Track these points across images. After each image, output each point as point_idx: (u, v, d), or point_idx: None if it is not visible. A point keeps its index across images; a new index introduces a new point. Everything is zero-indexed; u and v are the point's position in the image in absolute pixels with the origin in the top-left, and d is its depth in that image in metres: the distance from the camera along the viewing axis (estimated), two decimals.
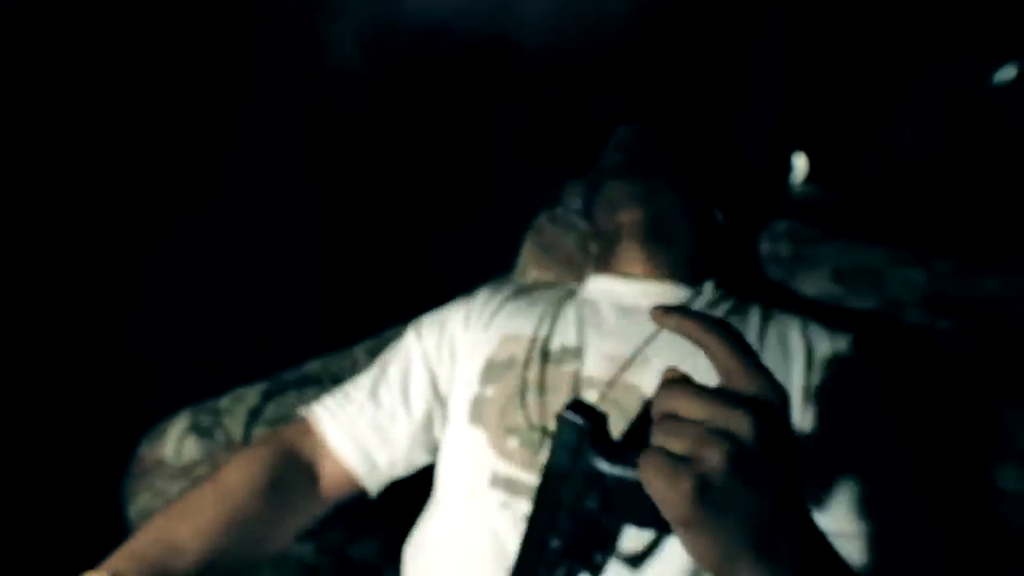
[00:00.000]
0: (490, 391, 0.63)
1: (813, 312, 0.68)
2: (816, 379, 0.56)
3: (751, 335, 0.60)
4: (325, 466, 0.68)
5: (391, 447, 0.68)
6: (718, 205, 0.73)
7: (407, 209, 1.17)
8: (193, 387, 0.82)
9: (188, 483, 0.75)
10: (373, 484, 0.69)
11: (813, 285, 0.75)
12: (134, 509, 0.76)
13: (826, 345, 0.58)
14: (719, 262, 0.73)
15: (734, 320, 0.63)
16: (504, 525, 0.56)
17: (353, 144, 1.13)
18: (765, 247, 0.80)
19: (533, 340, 0.65)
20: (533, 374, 0.62)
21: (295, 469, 0.66)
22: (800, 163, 1.65)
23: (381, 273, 1.14)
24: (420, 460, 0.71)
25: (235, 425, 0.77)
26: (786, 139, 1.65)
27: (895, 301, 0.71)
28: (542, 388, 0.61)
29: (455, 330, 0.72)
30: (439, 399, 0.70)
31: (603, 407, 0.55)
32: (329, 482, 0.68)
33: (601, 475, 0.38)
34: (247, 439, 0.77)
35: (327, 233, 1.12)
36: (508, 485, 0.58)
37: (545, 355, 0.63)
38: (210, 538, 0.57)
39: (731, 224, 0.73)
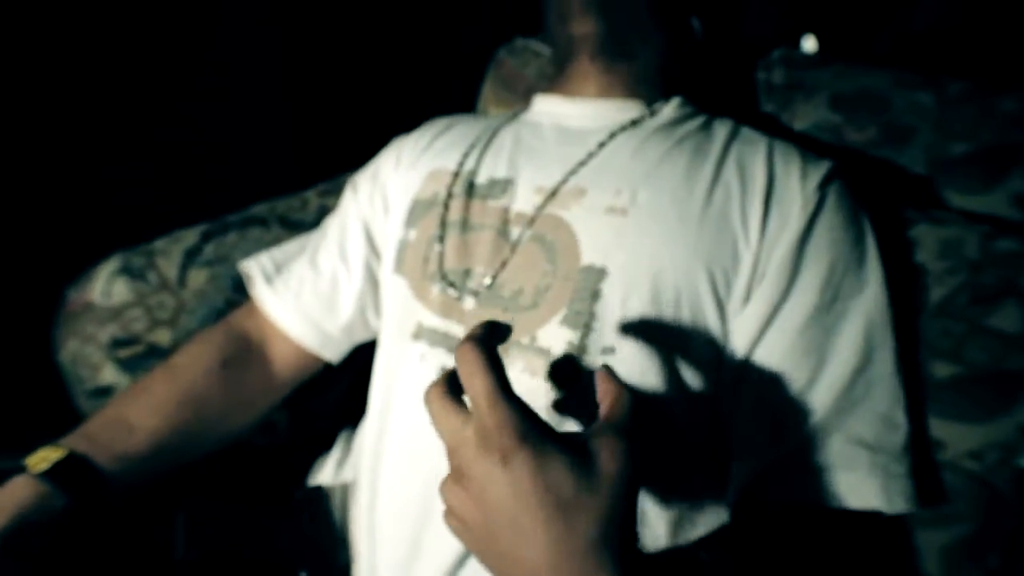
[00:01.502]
0: (412, 234, 0.58)
1: (806, 145, 0.60)
2: (774, 216, 0.49)
3: (710, 160, 0.52)
4: (277, 346, 0.65)
5: (338, 313, 0.64)
6: (696, 12, 0.61)
7: (371, 48, 1.07)
8: (129, 233, 0.76)
9: (119, 327, 0.70)
10: (331, 353, 0.65)
11: (809, 115, 0.67)
12: (64, 355, 0.71)
13: (794, 176, 0.50)
14: (693, 78, 0.63)
15: (695, 140, 0.54)
16: (424, 378, 0.52)
17: None
18: (757, 75, 0.71)
19: (456, 175, 0.58)
20: (455, 212, 0.56)
21: (247, 350, 0.63)
22: (809, 45, 1.54)
23: (345, 114, 1.05)
24: (376, 321, 0.66)
25: (169, 266, 0.71)
26: (794, 20, 1.53)
27: (900, 128, 0.63)
28: (465, 226, 0.55)
29: (386, 175, 0.65)
30: (376, 254, 0.64)
31: (527, 244, 0.51)
32: (284, 361, 0.65)
33: None
34: (183, 281, 0.71)
35: (287, 76, 1.02)
36: (429, 335, 0.53)
37: (471, 190, 0.57)
38: (161, 415, 0.56)
39: (711, 35, 0.62)
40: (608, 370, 0.38)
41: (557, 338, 0.48)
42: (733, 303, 0.48)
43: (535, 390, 0.47)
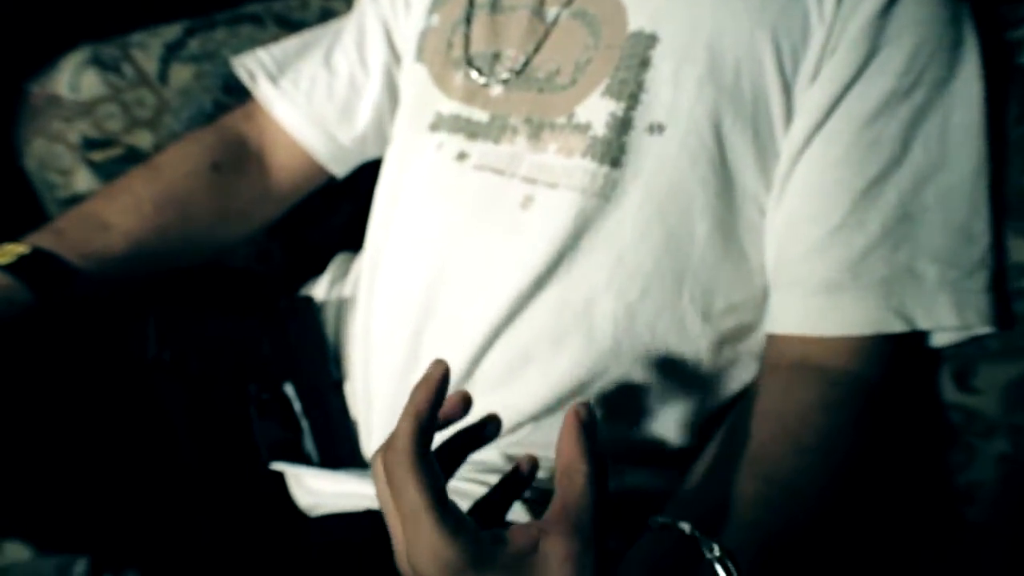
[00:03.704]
0: (435, 19, 0.52)
1: None
2: (843, 19, 0.40)
3: None
4: (278, 154, 0.59)
5: (355, 121, 0.58)
6: None
7: None
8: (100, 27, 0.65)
9: (92, 125, 0.61)
10: (339, 167, 0.60)
11: None
12: (30, 157, 0.63)
13: None
14: None
15: None
16: (440, 167, 0.47)
17: None
18: None
19: None
20: None
21: (242, 155, 0.58)
22: None
23: None
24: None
25: (148, 60, 0.63)
26: None
27: None
28: (495, 7, 0.50)
29: None
30: (396, 59, 0.58)
31: (566, 21, 0.46)
32: (285, 171, 0.59)
33: None
34: (163, 77, 0.63)
35: None
36: (449, 123, 0.48)
37: None
38: (139, 215, 0.52)
39: None
40: (583, 417, 0.29)
41: (598, 111, 0.42)
42: (800, 83, 0.41)
43: (572, 170, 0.42)
